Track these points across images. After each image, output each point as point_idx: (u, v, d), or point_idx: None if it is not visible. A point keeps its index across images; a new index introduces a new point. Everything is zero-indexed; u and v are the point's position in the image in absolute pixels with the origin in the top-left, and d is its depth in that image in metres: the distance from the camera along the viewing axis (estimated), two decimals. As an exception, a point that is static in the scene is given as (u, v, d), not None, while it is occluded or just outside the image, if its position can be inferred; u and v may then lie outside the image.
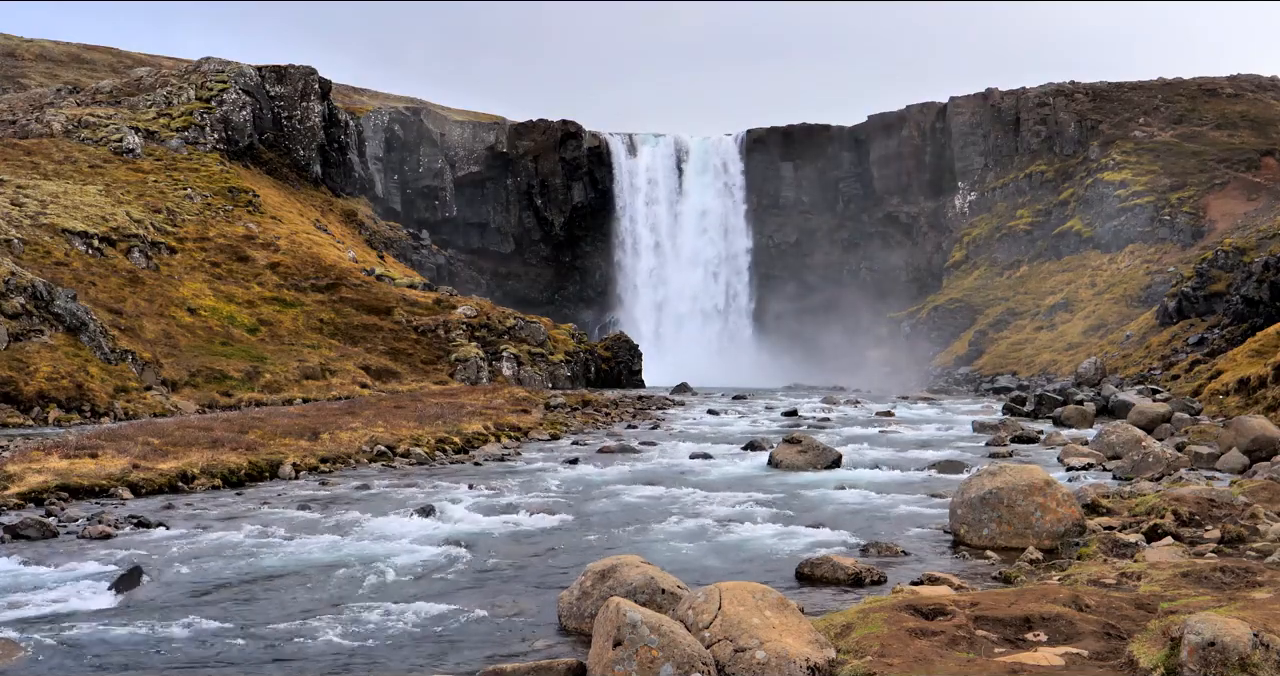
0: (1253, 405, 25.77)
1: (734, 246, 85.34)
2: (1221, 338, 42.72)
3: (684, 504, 13.80)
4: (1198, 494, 11.28)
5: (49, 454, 15.71)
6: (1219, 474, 16.19)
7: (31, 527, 11.27)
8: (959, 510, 11.04)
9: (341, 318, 47.59)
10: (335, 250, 57.07)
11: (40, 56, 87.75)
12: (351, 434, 20.83)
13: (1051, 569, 9.17)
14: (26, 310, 30.40)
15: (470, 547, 10.81)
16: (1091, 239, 69.60)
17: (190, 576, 9.47)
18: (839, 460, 18.44)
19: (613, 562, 7.86)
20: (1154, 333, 52.11)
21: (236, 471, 16.24)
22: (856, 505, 13.84)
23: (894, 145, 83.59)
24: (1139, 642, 5.83)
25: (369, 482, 15.98)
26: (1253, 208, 61.01)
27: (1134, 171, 69.64)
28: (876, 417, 32.64)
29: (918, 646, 6.08)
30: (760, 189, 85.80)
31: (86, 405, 28.31)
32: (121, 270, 42.24)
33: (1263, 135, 70.06)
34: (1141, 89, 78.81)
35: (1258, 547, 9.44)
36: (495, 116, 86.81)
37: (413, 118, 79.13)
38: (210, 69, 66.65)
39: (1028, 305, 68.30)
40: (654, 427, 28.90)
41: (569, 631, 7.66)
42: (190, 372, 35.49)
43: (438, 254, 74.87)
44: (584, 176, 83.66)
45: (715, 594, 6.51)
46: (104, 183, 50.96)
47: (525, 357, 48.87)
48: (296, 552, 10.52)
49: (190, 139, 60.82)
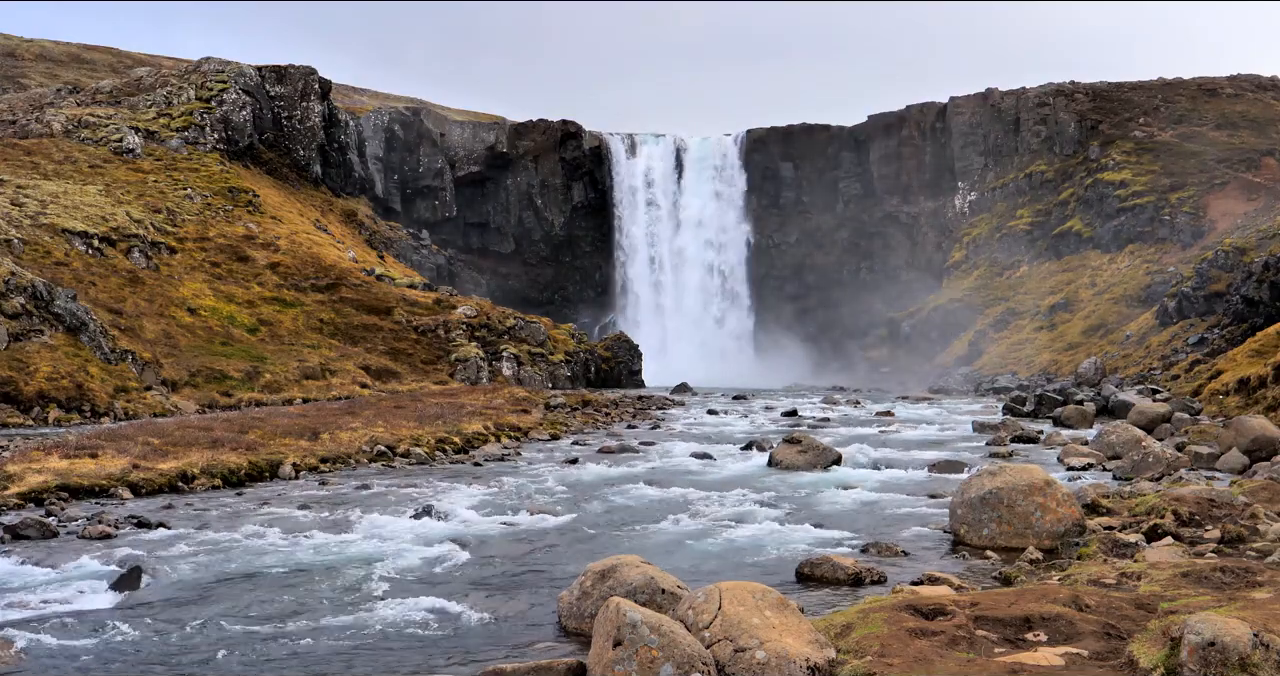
0: (1253, 405, 25.77)
1: (734, 246, 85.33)
2: (1221, 338, 42.71)
3: (684, 504, 13.80)
4: (1198, 494, 11.28)
5: (49, 454, 15.71)
6: (1219, 474, 16.19)
7: (31, 527, 11.27)
8: (959, 510, 11.04)
9: (341, 318, 47.59)
10: (335, 250, 57.07)
11: (40, 56, 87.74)
12: (351, 434, 20.83)
13: (1051, 569, 9.17)
14: (26, 310, 30.40)
15: (470, 547, 10.81)
16: (1091, 239, 69.59)
17: (190, 576, 9.47)
18: (839, 460, 18.44)
19: (613, 562, 7.86)
20: (1154, 333, 52.11)
21: (236, 471, 16.24)
22: (856, 505, 13.84)
23: (894, 145, 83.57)
24: (1139, 642, 5.83)
25: (369, 482, 15.98)
26: (1253, 208, 61.00)
27: (1134, 171, 69.62)
28: (876, 417, 32.63)
29: (918, 646, 6.08)
30: (760, 189, 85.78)
31: (86, 405, 28.30)
32: (121, 270, 42.24)
33: (1263, 135, 70.04)
34: (1141, 89, 78.81)
35: (1258, 547, 9.44)
36: (495, 116, 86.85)
37: (413, 118, 79.13)
38: (210, 69, 66.64)
39: (1028, 305, 68.28)
40: (654, 427, 28.90)
41: (569, 631, 7.67)
42: (190, 372, 35.49)
43: (438, 254, 74.85)
44: (584, 176, 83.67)
45: (715, 594, 6.50)
46: (104, 183, 50.95)
47: (525, 358, 48.87)
48: (296, 552, 10.53)
49: (190, 139, 60.79)
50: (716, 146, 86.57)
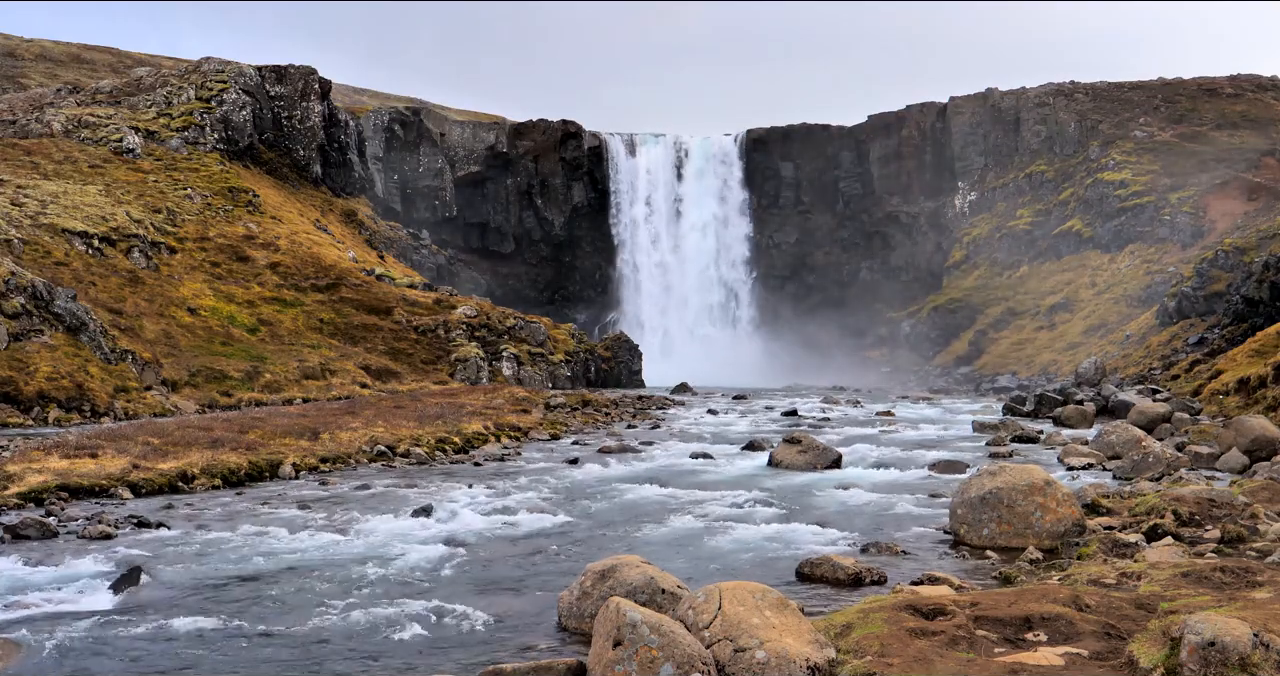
0: (1253, 405, 25.76)
1: (734, 246, 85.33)
2: (1221, 337, 42.70)
3: (684, 503, 13.80)
4: (1198, 494, 11.28)
5: (49, 454, 15.71)
6: (1219, 474, 16.19)
7: (31, 527, 11.26)
8: (959, 510, 11.04)
9: (341, 317, 47.58)
10: (335, 250, 57.06)
11: (40, 56, 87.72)
12: (351, 434, 20.82)
13: (1051, 569, 9.17)
14: (26, 310, 30.40)
15: (470, 547, 10.82)
16: (1091, 239, 69.59)
17: (190, 576, 9.47)
18: (839, 460, 18.44)
19: (612, 562, 7.86)
20: (1154, 332, 52.12)
21: (236, 471, 16.24)
22: (856, 505, 13.84)
23: (894, 145, 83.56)
24: (1139, 642, 5.83)
25: (369, 482, 15.97)
26: (1253, 208, 60.99)
27: (1134, 171, 69.61)
28: (876, 417, 32.63)
29: (918, 646, 6.08)
30: (760, 189, 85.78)
31: (86, 405, 28.30)
32: (121, 270, 42.24)
33: (1263, 135, 70.05)
34: (1141, 89, 78.82)
35: (1258, 547, 9.44)
36: (495, 116, 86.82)
37: (413, 118, 79.12)
38: (210, 69, 66.63)
39: (1028, 305, 68.31)
40: (654, 427, 28.90)
41: (569, 631, 7.67)
42: (190, 372, 35.49)
43: (438, 254, 74.83)
44: (584, 176, 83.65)
45: (715, 593, 6.50)
46: (104, 183, 50.94)
47: (525, 357, 48.87)
48: (296, 552, 10.53)
49: (190, 139, 60.78)
50: (716, 146, 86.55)
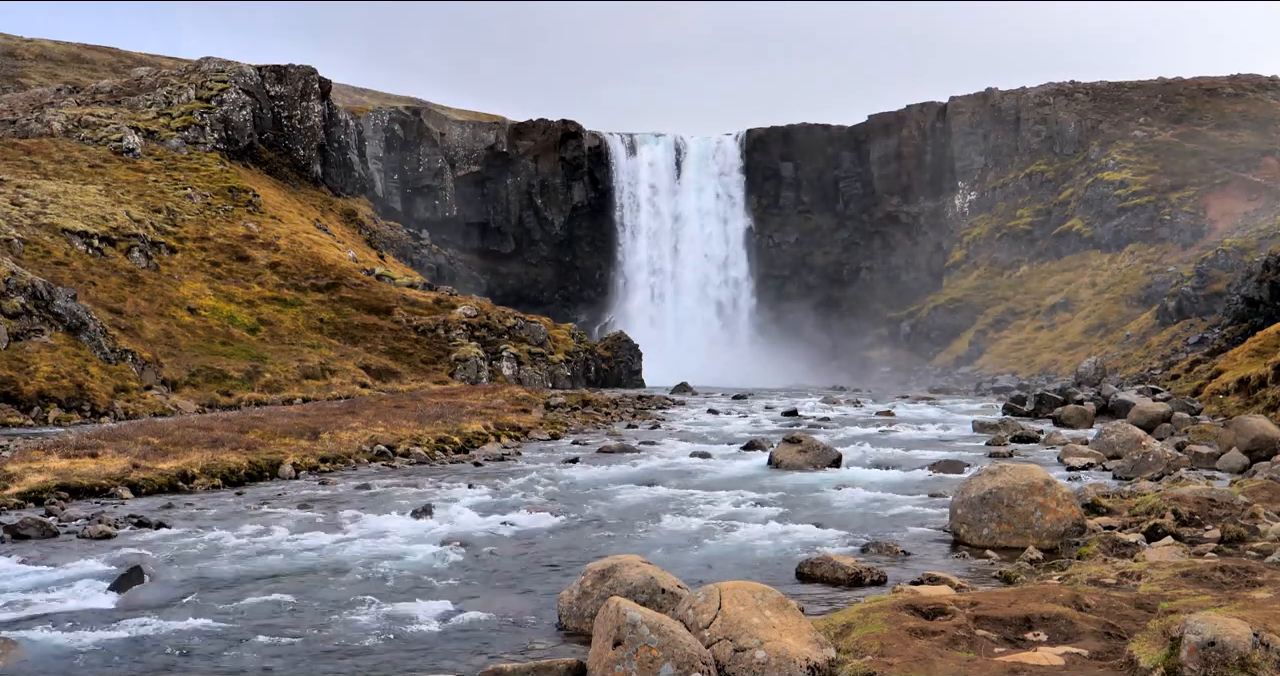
0: (1253, 405, 25.75)
1: (734, 246, 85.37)
2: (1221, 337, 42.70)
3: (684, 503, 13.80)
4: (1198, 493, 11.27)
5: (49, 453, 15.71)
6: (1219, 473, 16.18)
7: (31, 527, 11.26)
8: (959, 510, 11.03)
9: (341, 317, 47.58)
10: (335, 250, 57.07)
11: (40, 56, 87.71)
12: (351, 433, 20.82)
13: (1051, 568, 9.16)
14: (26, 310, 30.39)
15: (470, 547, 10.81)
16: (1091, 239, 69.60)
17: (190, 576, 9.47)
18: (839, 460, 18.43)
19: (612, 562, 7.86)
20: (1154, 332, 52.14)
21: (236, 471, 16.23)
22: (856, 505, 13.83)
23: (894, 145, 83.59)
24: (1139, 642, 5.83)
25: (369, 482, 15.97)
26: (1253, 208, 61.01)
27: (1134, 171, 69.63)
28: (876, 417, 32.62)
29: (918, 646, 6.08)
30: (760, 189, 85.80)
31: (86, 405, 28.31)
32: (121, 270, 42.23)
33: (1263, 135, 70.09)
34: (1141, 89, 78.84)
35: (1258, 547, 9.44)
36: (495, 116, 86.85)
37: (413, 117, 79.11)
38: (210, 69, 66.64)
39: (1028, 305, 68.33)
40: (654, 427, 28.90)
41: (569, 631, 7.66)
42: (190, 372, 35.49)
43: (438, 254, 74.84)
44: (584, 176, 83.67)
45: (715, 593, 6.50)
46: (104, 182, 50.94)
47: (525, 357, 48.88)
48: (296, 552, 10.52)
49: (190, 139, 60.79)
50: (716, 146, 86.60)
